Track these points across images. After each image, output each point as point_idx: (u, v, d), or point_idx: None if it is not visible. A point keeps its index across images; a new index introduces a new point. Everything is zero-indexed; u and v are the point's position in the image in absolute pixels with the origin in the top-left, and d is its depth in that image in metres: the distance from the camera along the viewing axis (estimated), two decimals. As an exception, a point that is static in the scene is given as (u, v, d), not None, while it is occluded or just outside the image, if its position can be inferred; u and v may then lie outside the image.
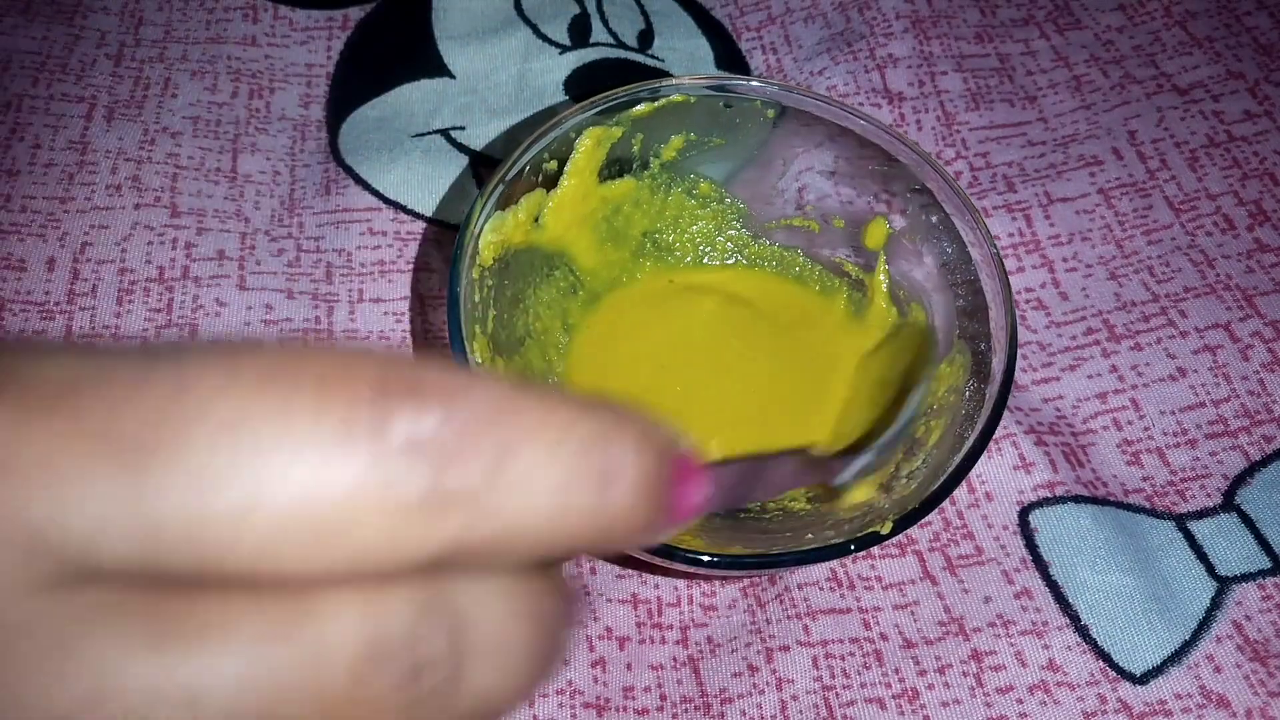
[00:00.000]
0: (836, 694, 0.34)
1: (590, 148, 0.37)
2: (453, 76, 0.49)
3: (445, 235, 0.44)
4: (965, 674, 0.34)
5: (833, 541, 0.30)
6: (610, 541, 0.15)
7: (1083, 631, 0.35)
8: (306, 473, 0.12)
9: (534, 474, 0.13)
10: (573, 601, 0.17)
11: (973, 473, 0.38)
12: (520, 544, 0.14)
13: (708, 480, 0.16)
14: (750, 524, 0.36)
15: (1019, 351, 0.41)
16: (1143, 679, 0.34)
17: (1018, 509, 0.38)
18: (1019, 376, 0.41)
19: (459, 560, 0.13)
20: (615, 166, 0.39)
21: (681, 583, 0.37)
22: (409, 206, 0.45)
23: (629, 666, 0.35)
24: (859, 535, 0.30)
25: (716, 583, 0.37)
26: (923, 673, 0.34)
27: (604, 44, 0.51)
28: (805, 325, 0.41)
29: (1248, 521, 0.37)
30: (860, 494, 0.33)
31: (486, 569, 0.14)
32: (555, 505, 0.14)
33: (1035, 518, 0.37)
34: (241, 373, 0.12)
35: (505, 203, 0.35)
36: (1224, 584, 0.36)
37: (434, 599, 0.13)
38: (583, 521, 0.14)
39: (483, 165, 0.47)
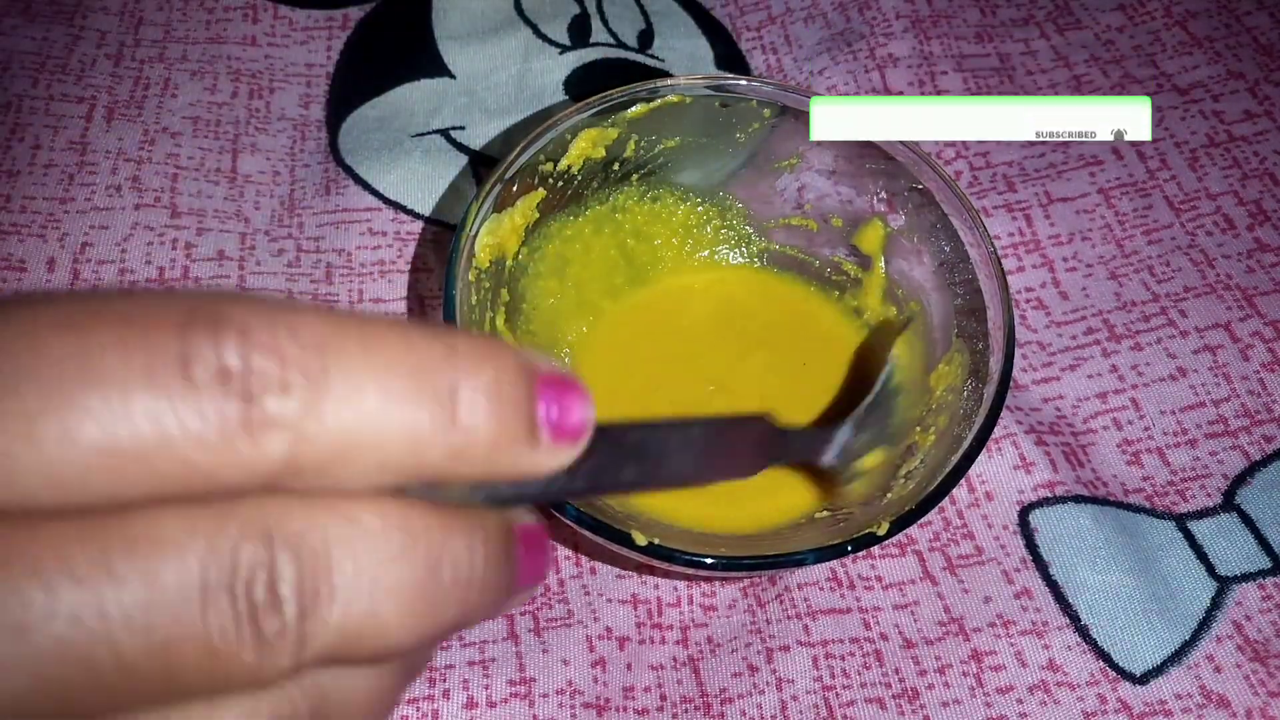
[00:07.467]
0: (836, 694, 0.34)
1: (585, 149, 0.37)
2: (453, 76, 0.49)
3: (445, 235, 0.44)
4: (965, 674, 0.34)
5: (830, 542, 0.30)
6: (476, 461, 0.15)
7: (1083, 631, 0.35)
8: (111, 409, 0.13)
9: (361, 392, 0.14)
10: (512, 543, 0.16)
11: (973, 472, 0.38)
12: (362, 462, 0.14)
13: (586, 398, 0.16)
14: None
15: (1019, 351, 0.41)
16: (1143, 679, 0.34)
17: (1018, 509, 0.38)
18: (1019, 376, 0.41)
19: (303, 480, 0.14)
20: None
21: (681, 583, 0.37)
22: (409, 206, 0.45)
23: (629, 666, 0.35)
24: (856, 536, 0.30)
25: (716, 583, 0.37)
26: (923, 673, 0.34)
27: (604, 44, 0.51)
28: (803, 324, 0.41)
29: (1248, 521, 0.37)
30: (871, 459, 0.32)
31: (355, 502, 0.14)
32: (390, 422, 0.14)
33: (1035, 517, 0.37)
34: (39, 319, 0.13)
35: (501, 205, 0.35)
36: (1224, 584, 0.36)
37: (281, 530, 0.14)
38: (428, 438, 0.14)
39: (482, 165, 0.47)
